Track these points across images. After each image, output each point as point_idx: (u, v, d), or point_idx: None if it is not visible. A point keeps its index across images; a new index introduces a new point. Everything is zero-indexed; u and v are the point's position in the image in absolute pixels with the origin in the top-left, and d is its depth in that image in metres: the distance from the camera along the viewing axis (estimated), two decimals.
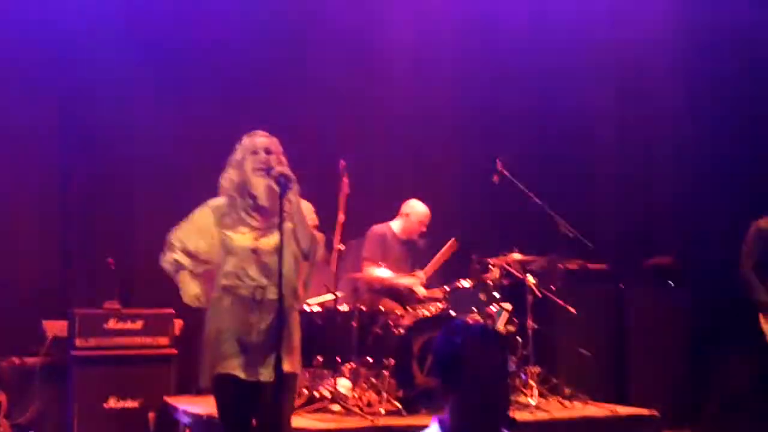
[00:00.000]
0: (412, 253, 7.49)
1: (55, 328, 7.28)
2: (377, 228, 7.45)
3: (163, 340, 7.30)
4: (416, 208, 7.48)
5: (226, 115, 7.78)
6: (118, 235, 8.19)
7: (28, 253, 8.00)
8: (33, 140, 8.08)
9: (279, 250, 4.16)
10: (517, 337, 6.91)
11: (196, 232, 4.48)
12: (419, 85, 9.19)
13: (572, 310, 6.99)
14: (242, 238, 4.39)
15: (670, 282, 8.41)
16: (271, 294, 4.29)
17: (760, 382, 7.57)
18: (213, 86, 8.41)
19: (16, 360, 7.35)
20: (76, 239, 8.16)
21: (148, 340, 7.27)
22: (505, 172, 7.05)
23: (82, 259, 8.11)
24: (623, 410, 6.70)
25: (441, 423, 2.81)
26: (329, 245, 6.25)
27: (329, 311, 6.83)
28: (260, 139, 4.49)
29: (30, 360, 7.33)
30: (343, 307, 6.83)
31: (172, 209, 8.02)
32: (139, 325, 7.26)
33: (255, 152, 4.43)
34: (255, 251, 4.35)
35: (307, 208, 4.52)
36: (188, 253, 4.46)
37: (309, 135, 8.18)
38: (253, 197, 4.42)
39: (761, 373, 7.48)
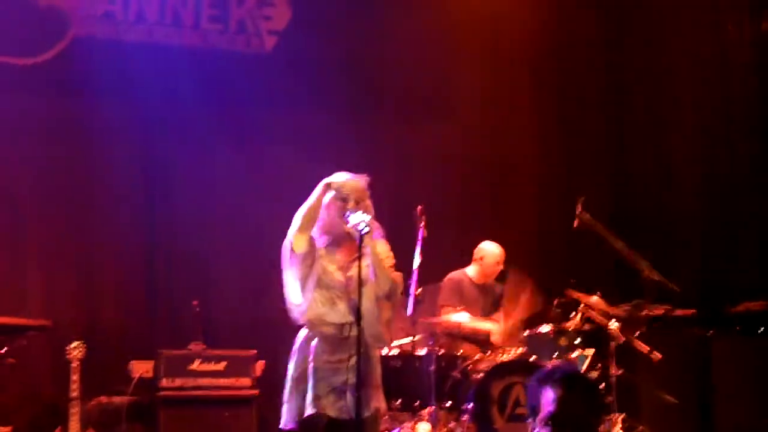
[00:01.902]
0: (489, 297, 7.45)
1: (142, 368, 7.42)
2: (453, 275, 7.45)
3: (245, 381, 7.37)
4: (489, 250, 7.46)
5: (305, 162, 7.93)
6: (202, 278, 8.39)
7: (115, 295, 8.26)
8: (120, 184, 8.37)
9: (358, 284, 4.19)
10: (601, 384, 6.78)
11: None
12: (493, 125, 9.25)
13: (657, 355, 6.82)
14: (334, 270, 4.45)
15: (762, 328, 8.17)
16: (355, 331, 4.30)
17: None
18: (286, 131, 8.60)
19: (103, 399, 7.54)
20: (161, 282, 8.38)
21: (230, 381, 7.35)
22: (586, 215, 6.96)
23: (167, 301, 8.32)
24: None
25: None
26: (406, 290, 6.27)
27: (406, 354, 6.83)
28: (351, 184, 4.53)
29: (117, 399, 7.50)
30: (421, 351, 6.82)
31: (253, 255, 8.37)
32: (222, 366, 7.35)
33: (344, 200, 4.48)
34: (347, 285, 4.40)
35: (383, 248, 4.55)
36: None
37: (385, 179, 8.28)
38: (336, 239, 4.48)
39: None
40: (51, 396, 7.64)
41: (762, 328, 8.15)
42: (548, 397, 2.73)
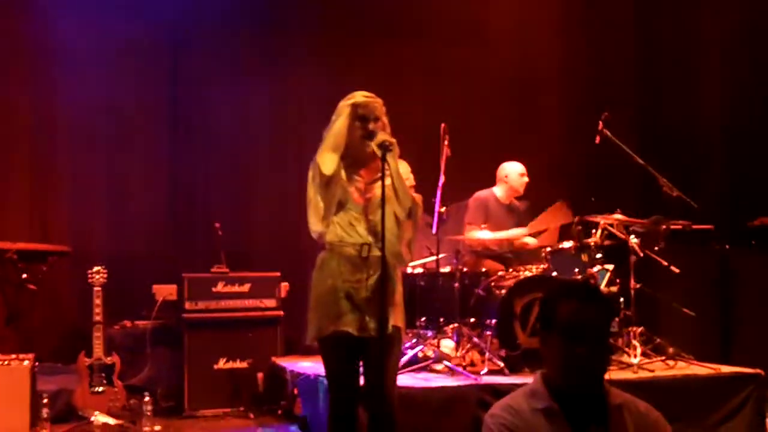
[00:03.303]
0: (513, 216, 7.51)
1: (165, 292, 7.53)
2: (480, 194, 7.48)
3: (270, 302, 7.49)
4: (512, 167, 7.52)
5: (327, 83, 7.92)
6: (224, 202, 8.45)
7: (137, 220, 8.34)
8: (144, 107, 8.38)
9: (381, 204, 4.23)
10: (620, 298, 6.86)
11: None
12: (520, 46, 9.22)
13: (676, 269, 6.87)
14: (355, 192, 4.46)
15: None
16: (375, 251, 4.35)
17: None
18: (310, 53, 8.58)
19: (127, 323, 7.64)
20: (183, 206, 8.43)
21: (255, 303, 7.47)
22: (607, 132, 6.96)
23: (190, 224, 8.39)
24: (727, 369, 6.61)
25: (544, 377, 2.85)
26: (431, 208, 6.31)
27: (431, 273, 6.90)
28: (367, 103, 4.52)
29: (141, 323, 7.60)
30: (445, 269, 6.89)
31: (278, 176, 8.42)
32: (246, 288, 7.46)
33: (363, 119, 4.48)
34: (365, 207, 4.42)
35: (404, 168, 4.55)
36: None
37: (410, 98, 8.29)
38: (357, 160, 4.48)
39: None
40: (74, 321, 7.75)
41: None
42: (563, 309, 2.75)
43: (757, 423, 6.30)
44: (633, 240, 6.87)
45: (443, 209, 6.47)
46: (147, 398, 6.47)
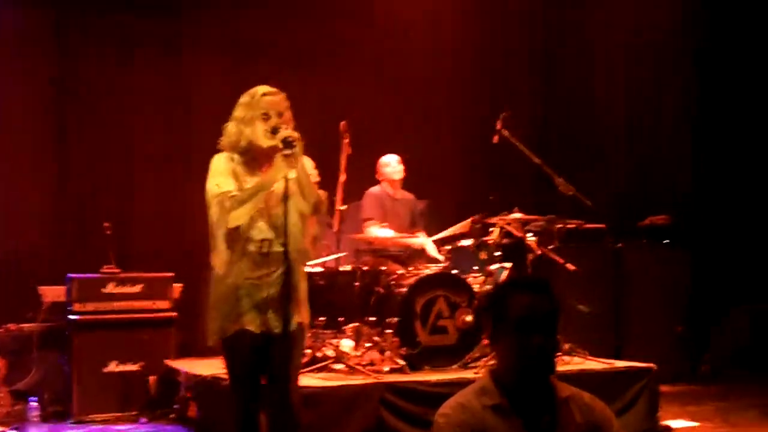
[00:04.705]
0: (410, 212, 7.51)
1: (52, 293, 7.25)
2: (372, 190, 7.48)
3: (163, 304, 7.28)
4: (385, 158, 7.53)
5: (232, 72, 7.80)
6: (113, 200, 8.21)
7: (23, 219, 8.01)
8: (29, 103, 8.06)
9: (284, 198, 4.14)
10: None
11: (226, 177, 4.33)
12: (420, 45, 9.24)
13: (572, 267, 6.98)
14: None
15: (666, 240, 8.50)
16: (277, 247, 4.26)
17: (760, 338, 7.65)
18: (218, 41, 8.40)
19: (12, 326, 7.33)
20: (71, 204, 8.15)
21: (147, 304, 7.25)
22: (505, 132, 7.02)
23: (77, 224, 8.11)
24: (621, 364, 6.75)
25: (492, 374, 2.84)
26: (331, 206, 6.24)
27: (331, 272, 6.83)
28: (271, 99, 4.40)
29: (27, 326, 7.30)
30: (345, 268, 6.83)
31: (168, 173, 8.22)
32: (138, 288, 7.24)
33: (266, 115, 4.37)
34: (266, 202, 4.32)
35: (308, 164, 4.48)
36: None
37: (311, 94, 8.22)
38: (258, 156, 4.38)
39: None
40: None
41: (666, 240, 8.50)
42: (515, 303, 2.76)
43: (650, 416, 6.44)
44: (530, 238, 6.95)
45: (344, 207, 6.41)
46: (33, 403, 6.20)
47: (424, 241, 7.31)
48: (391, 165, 7.48)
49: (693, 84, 9.43)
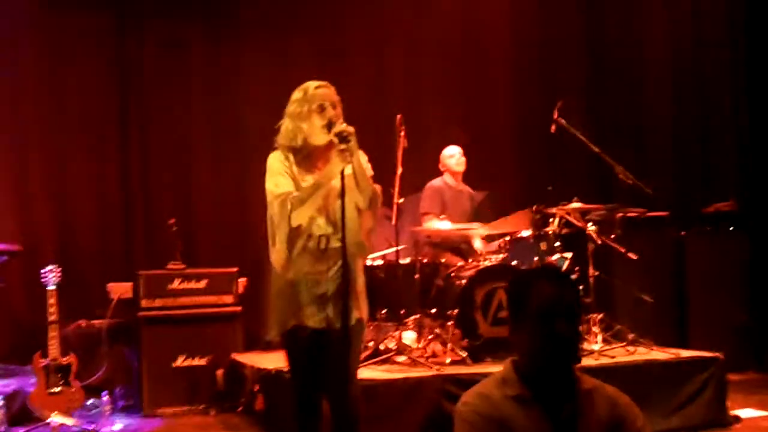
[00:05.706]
0: (471, 203, 7.51)
1: (120, 290, 7.40)
2: (433, 183, 7.48)
3: (228, 298, 7.41)
4: (444, 154, 7.55)
5: (284, 71, 7.87)
6: (178, 197, 8.35)
7: (90, 218, 8.20)
8: (93, 105, 8.24)
9: (341, 194, 4.17)
10: (579, 285, 6.88)
11: (284, 176, 4.36)
12: (474, 36, 9.23)
13: (633, 256, 6.92)
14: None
15: (731, 228, 8.36)
16: (335, 242, 4.30)
17: None
18: (258, 38, 8.49)
19: (82, 323, 7.51)
20: (137, 202, 8.31)
21: (212, 299, 7.39)
22: (563, 121, 6.98)
23: (144, 221, 8.26)
24: (686, 354, 6.67)
25: (514, 364, 2.83)
26: (388, 200, 6.27)
27: (391, 265, 6.87)
28: (324, 91, 4.42)
29: (97, 323, 7.48)
30: (405, 261, 6.87)
31: (230, 170, 8.33)
32: (203, 284, 7.38)
33: (322, 107, 4.41)
34: (324, 198, 4.36)
35: (362, 158, 4.49)
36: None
37: (366, 88, 8.26)
38: (313, 152, 4.41)
39: None
40: (29, 321, 7.59)
41: (731, 227, 8.36)
42: (536, 292, 2.74)
43: (717, 406, 6.36)
44: (590, 228, 6.91)
45: (401, 200, 6.44)
46: (105, 398, 6.34)
47: (472, 234, 7.28)
48: (455, 156, 7.50)
49: (743, 66, 9.26)
